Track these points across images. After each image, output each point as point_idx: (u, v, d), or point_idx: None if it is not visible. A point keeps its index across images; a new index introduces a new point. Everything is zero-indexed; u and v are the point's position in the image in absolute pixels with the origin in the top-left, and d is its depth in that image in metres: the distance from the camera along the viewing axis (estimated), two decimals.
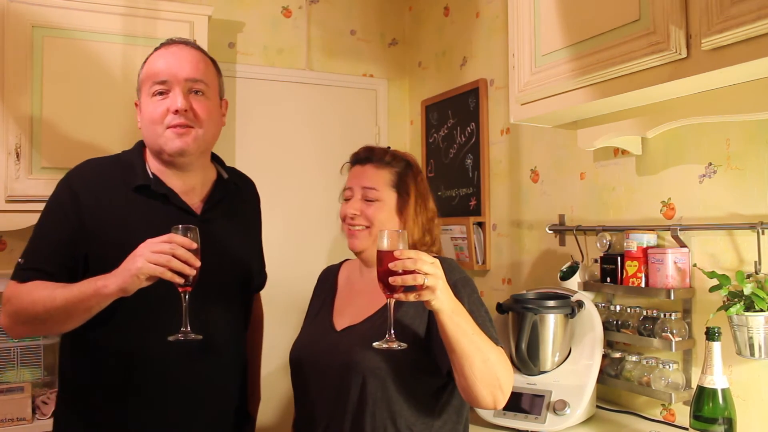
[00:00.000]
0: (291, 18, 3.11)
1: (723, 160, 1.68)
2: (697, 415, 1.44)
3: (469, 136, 2.77)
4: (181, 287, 1.27)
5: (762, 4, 1.17)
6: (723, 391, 1.42)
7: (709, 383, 1.42)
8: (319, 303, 1.58)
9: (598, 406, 1.86)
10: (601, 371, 1.80)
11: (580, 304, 1.82)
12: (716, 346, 1.42)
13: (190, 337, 1.30)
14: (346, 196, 1.48)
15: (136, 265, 1.23)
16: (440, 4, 3.06)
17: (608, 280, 1.89)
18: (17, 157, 2.22)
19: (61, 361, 1.52)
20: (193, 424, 1.46)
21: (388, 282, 1.13)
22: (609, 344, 1.90)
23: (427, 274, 1.11)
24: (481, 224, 2.68)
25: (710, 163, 1.71)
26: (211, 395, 1.49)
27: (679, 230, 1.72)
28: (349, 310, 1.48)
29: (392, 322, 1.20)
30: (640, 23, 1.44)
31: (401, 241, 1.15)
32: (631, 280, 1.80)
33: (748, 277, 1.55)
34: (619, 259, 1.86)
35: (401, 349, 1.20)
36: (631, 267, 1.80)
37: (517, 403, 1.74)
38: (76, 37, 2.31)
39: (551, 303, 1.79)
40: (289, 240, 3.01)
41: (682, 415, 1.75)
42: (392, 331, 1.20)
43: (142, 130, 1.49)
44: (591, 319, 1.82)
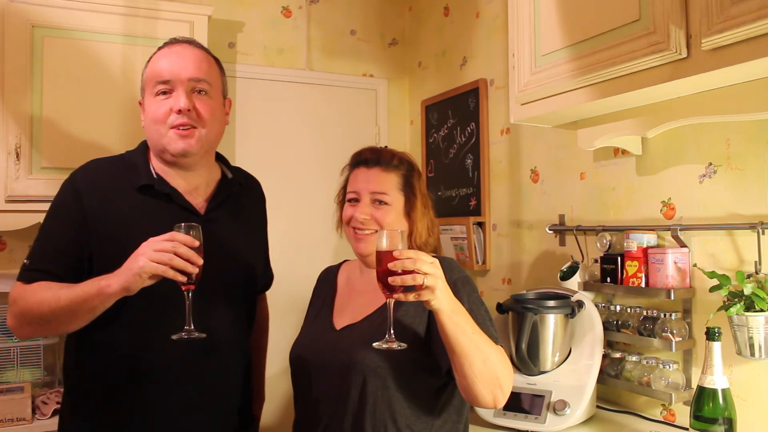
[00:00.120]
0: (291, 18, 3.11)
1: (723, 160, 1.68)
2: (697, 415, 1.44)
3: (469, 136, 2.77)
4: (184, 285, 1.27)
5: (762, 4, 1.17)
6: (723, 391, 1.42)
7: (709, 383, 1.42)
8: (319, 303, 1.58)
9: (598, 406, 1.86)
10: (601, 371, 1.80)
11: (580, 304, 1.82)
12: (716, 346, 1.42)
13: (194, 335, 1.29)
14: (350, 198, 1.47)
15: (139, 264, 1.23)
16: (440, 4, 3.06)
17: (608, 280, 1.89)
18: (17, 157, 2.22)
19: (65, 361, 1.53)
20: (196, 423, 1.46)
21: (388, 282, 1.13)
22: (609, 344, 1.90)
23: (426, 274, 1.11)
24: (481, 224, 2.68)
25: (710, 163, 1.71)
26: (214, 395, 1.49)
27: (679, 230, 1.72)
28: (349, 310, 1.48)
29: (392, 322, 1.20)
30: (640, 23, 1.44)
31: (400, 241, 1.15)
32: (631, 280, 1.80)
33: (748, 277, 1.55)
34: (619, 259, 1.86)
35: (401, 349, 1.20)
36: (631, 267, 1.80)
37: (517, 403, 1.74)
38: (76, 37, 2.31)
39: (551, 303, 1.79)
40: (288, 240, 3.01)
41: (683, 415, 1.75)
42: (392, 332, 1.19)
43: (145, 129, 1.49)
44: (591, 319, 1.82)
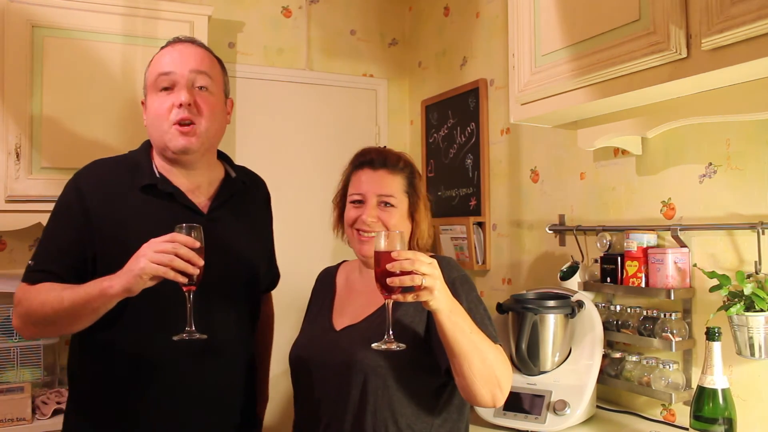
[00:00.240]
0: (291, 18, 3.11)
1: (723, 160, 1.68)
2: (697, 415, 1.43)
3: (469, 136, 2.77)
4: (186, 286, 1.27)
5: (762, 4, 1.17)
6: (723, 391, 1.42)
7: (709, 383, 1.42)
8: (318, 304, 1.58)
9: (598, 406, 1.86)
10: (601, 371, 1.80)
11: (580, 304, 1.82)
12: (716, 346, 1.42)
13: (195, 336, 1.29)
14: (355, 200, 1.46)
15: (139, 266, 1.23)
16: (440, 4, 3.06)
17: (608, 280, 1.89)
18: (17, 157, 2.22)
19: (70, 361, 1.53)
20: (198, 423, 1.46)
21: (386, 283, 1.13)
22: (609, 344, 1.90)
23: (424, 275, 1.11)
24: (481, 224, 2.68)
25: (710, 163, 1.71)
26: (217, 395, 1.49)
27: (679, 230, 1.72)
28: (349, 310, 1.48)
29: (391, 323, 1.20)
30: (640, 23, 1.44)
31: (399, 242, 1.15)
32: (631, 280, 1.80)
33: (748, 277, 1.55)
34: (619, 259, 1.86)
35: (400, 350, 1.20)
36: (631, 267, 1.80)
37: (517, 403, 1.74)
38: (76, 37, 2.31)
39: (551, 303, 1.79)
40: (288, 240, 2.99)
41: (683, 415, 1.75)
42: (391, 332, 1.19)
43: (147, 128, 1.49)
44: (591, 319, 1.82)
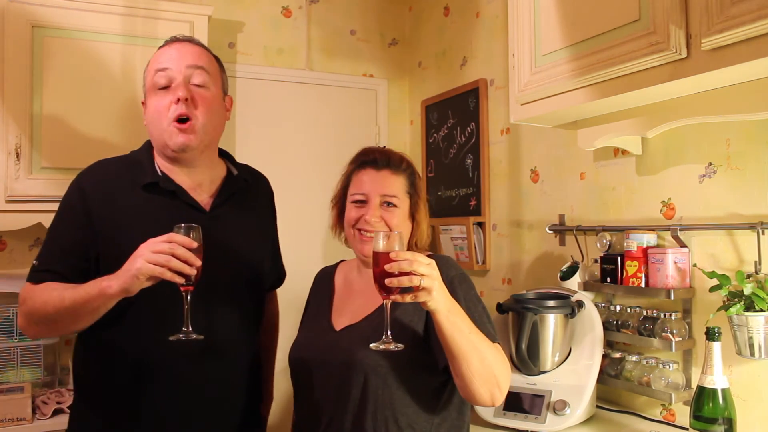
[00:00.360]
0: (291, 18, 3.11)
1: (723, 160, 1.68)
2: (697, 415, 1.43)
3: (469, 136, 2.77)
4: (183, 287, 1.27)
5: (762, 4, 1.17)
6: (723, 391, 1.42)
7: (709, 383, 1.42)
8: (317, 304, 1.57)
9: (598, 406, 1.86)
10: (601, 371, 1.80)
11: (580, 304, 1.82)
12: (716, 346, 1.42)
13: (192, 337, 1.29)
14: (357, 200, 1.46)
15: (136, 266, 1.24)
16: (440, 4, 3.06)
17: (608, 280, 1.89)
18: (17, 157, 2.22)
19: (74, 360, 1.55)
20: (201, 423, 1.47)
21: (385, 283, 1.13)
22: (609, 344, 1.90)
23: (423, 276, 1.12)
24: (481, 224, 2.68)
25: (710, 163, 1.71)
26: (219, 395, 1.49)
27: (679, 230, 1.72)
28: (348, 310, 1.48)
29: (389, 323, 1.20)
30: (640, 23, 1.44)
31: (397, 242, 1.15)
32: (631, 280, 1.80)
33: (748, 277, 1.55)
34: (619, 259, 1.86)
35: (398, 350, 1.20)
36: (631, 267, 1.80)
37: (517, 403, 1.74)
38: (76, 37, 2.31)
39: (551, 303, 1.79)
40: (287, 240, 2.99)
41: (682, 415, 1.75)
42: (389, 332, 1.19)
43: (147, 126, 1.50)
44: (591, 319, 1.82)
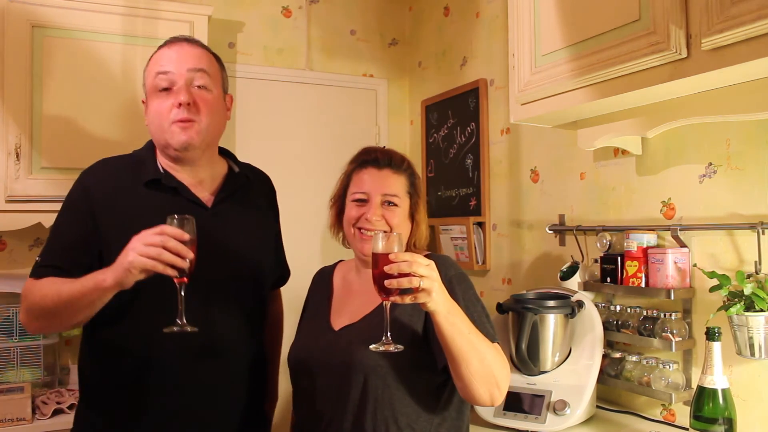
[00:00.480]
0: (291, 18, 3.11)
1: (723, 160, 1.68)
2: (697, 415, 1.44)
3: (469, 136, 2.77)
4: (177, 278, 1.26)
5: (762, 4, 1.17)
6: (723, 391, 1.42)
7: (709, 383, 1.42)
8: (316, 304, 1.57)
9: (598, 406, 1.86)
10: (601, 371, 1.80)
11: (580, 304, 1.82)
12: (716, 346, 1.42)
13: (186, 329, 1.28)
14: (358, 199, 1.46)
15: (128, 259, 1.23)
16: (440, 4, 3.06)
17: (608, 280, 1.89)
18: (17, 157, 2.22)
19: (79, 359, 1.56)
20: (203, 422, 1.47)
21: (384, 285, 1.13)
22: (609, 344, 1.89)
23: (422, 277, 1.12)
24: (481, 224, 2.68)
25: (710, 163, 1.71)
26: (221, 393, 1.49)
27: (679, 230, 1.72)
28: (347, 310, 1.48)
29: (389, 324, 1.20)
30: (640, 23, 1.44)
31: (396, 243, 1.15)
32: (631, 280, 1.80)
33: (748, 277, 1.55)
34: (619, 259, 1.86)
35: (398, 351, 1.20)
36: (631, 267, 1.80)
37: (517, 403, 1.74)
38: (76, 37, 2.31)
39: (551, 303, 1.79)
40: (287, 240, 2.99)
41: (683, 415, 1.75)
42: (389, 334, 1.19)
43: (149, 126, 1.51)
44: (591, 319, 1.82)
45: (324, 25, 3.18)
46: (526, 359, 1.76)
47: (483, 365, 1.23)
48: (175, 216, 1.26)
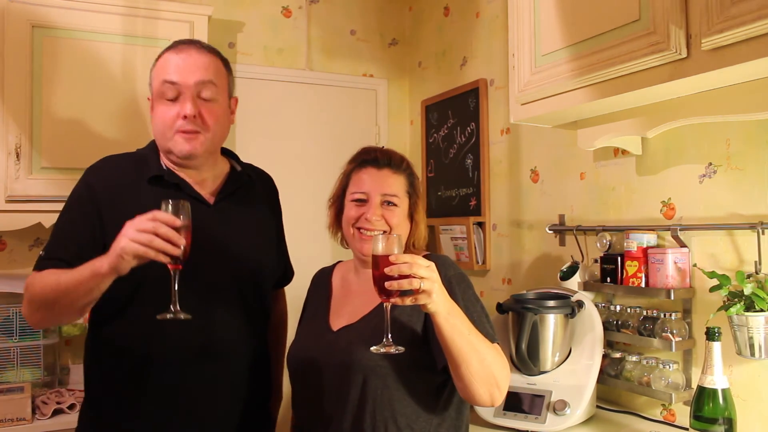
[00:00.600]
0: (291, 18, 3.11)
1: (723, 160, 1.68)
2: (697, 415, 1.44)
3: (469, 136, 2.77)
4: (171, 265, 1.24)
5: (762, 4, 1.17)
6: (723, 391, 1.42)
7: (709, 383, 1.42)
8: (315, 305, 1.57)
9: (598, 406, 1.86)
10: (601, 371, 1.80)
11: (580, 304, 1.82)
12: (716, 346, 1.42)
13: (180, 316, 1.27)
14: (357, 198, 1.45)
15: (120, 245, 1.22)
16: (440, 4, 3.06)
17: (608, 280, 1.89)
18: (17, 157, 2.22)
19: (84, 358, 1.56)
20: (205, 421, 1.47)
21: (384, 286, 1.13)
22: (609, 344, 1.89)
23: (422, 278, 1.12)
24: (481, 224, 2.68)
25: (710, 163, 1.71)
26: (223, 391, 1.49)
27: (679, 230, 1.72)
28: (346, 310, 1.48)
29: (389, 325, 1.20)
30: (640, 23, 1.44)
31: (396, 245, 1.16)
32: (631, 280, 1.80)
33: (748, 277, 1.55)
34: (619, 259, 1.86)
35: (399, 353, 1.19)
36: (631, 267, 1.80)
37: (517, 403, 1.74)
38: (76, 37, 2.31)
39: (551, 303, 1.79)
40: (287, 240, 3.00)
41: (683, 415, 1.75)
42: (389, 336, 1.19)
43: (153, 128, 1.52)
44: (591, 319, 1.82)
45: (324, 25, 3.18)
46: (526, 359, 1.76)
47: (483, 366, 1.23)
48: (170, 201, 1.25)
